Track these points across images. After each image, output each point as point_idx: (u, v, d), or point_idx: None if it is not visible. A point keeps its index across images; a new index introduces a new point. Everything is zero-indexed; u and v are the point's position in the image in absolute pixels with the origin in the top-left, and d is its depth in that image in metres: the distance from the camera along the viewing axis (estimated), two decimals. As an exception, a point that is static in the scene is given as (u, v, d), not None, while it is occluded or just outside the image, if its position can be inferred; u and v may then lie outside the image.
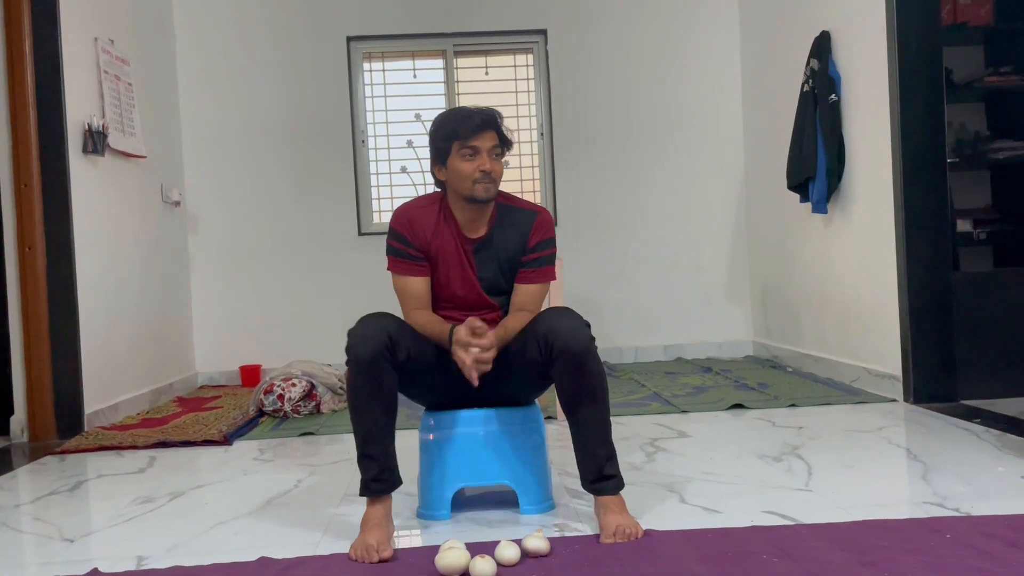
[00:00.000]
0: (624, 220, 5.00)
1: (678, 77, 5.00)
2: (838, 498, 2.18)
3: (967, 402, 3.27)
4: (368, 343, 1.96)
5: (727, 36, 5.00)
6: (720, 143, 5.01)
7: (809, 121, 3.88)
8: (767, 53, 4.62)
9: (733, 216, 5.03)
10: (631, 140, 5.00)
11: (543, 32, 4.99)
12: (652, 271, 5.00)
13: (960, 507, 2.06)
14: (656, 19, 4.99)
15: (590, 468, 2.01)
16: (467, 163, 2.07)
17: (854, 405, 3.37)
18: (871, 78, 3.51)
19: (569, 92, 4.97)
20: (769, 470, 2.50)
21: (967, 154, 4.30)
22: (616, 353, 4.95)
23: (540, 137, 5.04)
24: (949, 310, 3.36)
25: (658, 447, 2.85)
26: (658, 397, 3.71)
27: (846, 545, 1.83)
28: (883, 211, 3.48)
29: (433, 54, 5.04)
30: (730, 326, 5.02)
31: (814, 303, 4.19)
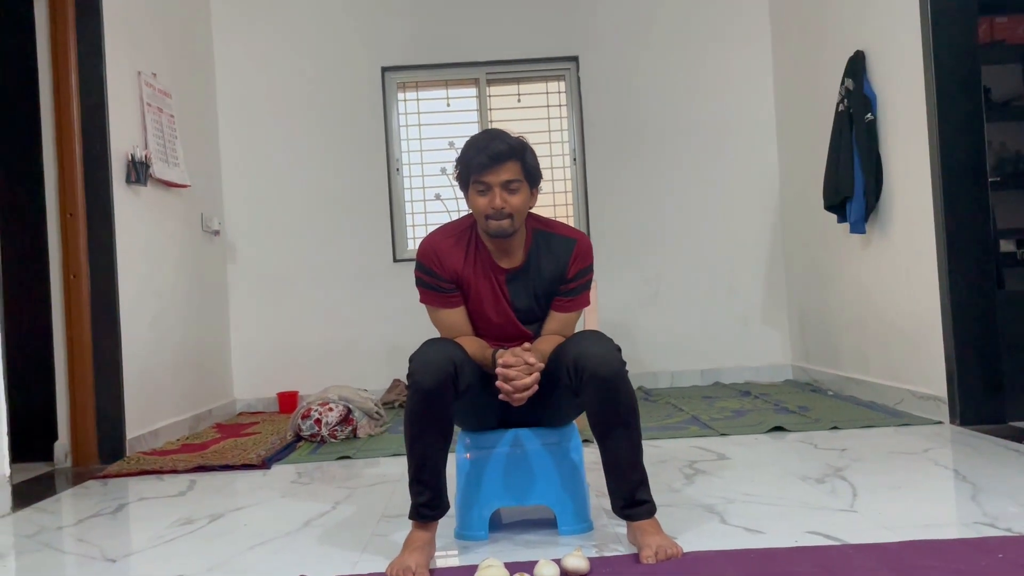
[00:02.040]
0: (658, 244, 4.98)
1: (710, 100, 5.00)
2: (884, 519, 2.13)
3: (1016, 423, 3.19)
4: (433, 371, 1.92)
5: (760, 57, 5.00)
6: (754, 165, 4.99)
7: (845, 141, 3.85)
8: (800, 73, 4.61)
9: (769, 238, 4.99)
10: (663, 164, 5.00)
11: (575, 59, 5.03)
12: (687, 295, 4.96)
13: (1013, 527, 1.99)
14: (687, 43, 5.01)
15: (622, 493, 1.98)
16: (479, 198, 2.04)
17: (898, 427, 3.30)
18: (908, 97, 3.48)
19: (601, 117, 5.00)
20: (812, 491, 2.45)
21: (1008, 173, 4.24)
22: (652, 378, 4.91)
23: (573, 162, 5.06)
24: (994, 330, 3.29)
25: (697, 469, 2.81)
26: (696, 421, 3.67)
27: (894, 565, 1.78)
28: (923, 230, 3.42)
29: (466, 83, 5.10)
30: (768, 350, 4.95)
31: (854, 325, 4.12)
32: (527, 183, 2.08)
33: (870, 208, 3.75)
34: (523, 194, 2.06)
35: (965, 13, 3.35)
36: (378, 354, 4.91)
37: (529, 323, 2.17)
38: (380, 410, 3.95)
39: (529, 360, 1.98)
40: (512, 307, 2.14)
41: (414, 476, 2.00)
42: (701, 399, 4.30)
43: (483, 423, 2.20)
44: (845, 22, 4.03)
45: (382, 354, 4.90)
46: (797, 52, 4.65)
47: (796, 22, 4.65)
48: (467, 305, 2.15)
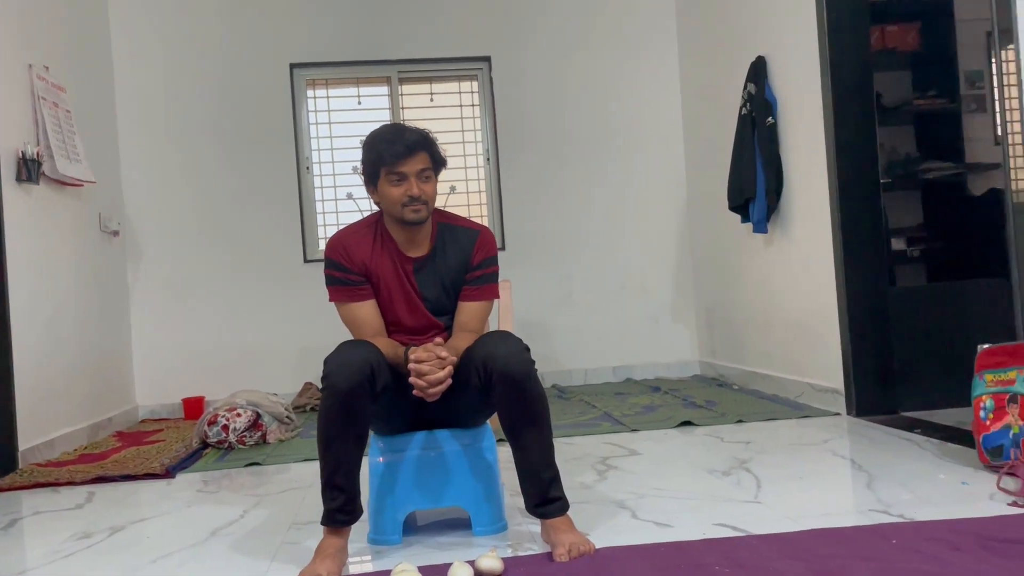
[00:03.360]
0: (571, 243, 5.04)
1: (620, 102, 5.09)
2: (787, 509, 2.21)
3: (907, 413, 3.36)
4: (349, 373, 1.90)
5: (667, 61, 5.11)
6: (663, 166, 5.10)
7: (748, 143, 3.98)
8: (706, 78, 4.74)
9: (677, 238, 5.11)
10: (575, 164, 5.06)
11: (487, 59, 5.04)
12: (600, 294, 5.04)
13: (904, 513, 2.10)
14: (597, 45, 5.08)
15: (534, 492, 1.99)
16: (395, 188, 2.06)
17: (799, 419, 3.43)
18: (806, 102, 3.62)
19: (514, 117, 5.02)
20: (719, 484, 2.52)
21: (899, 175, 4.47)
22: (566, 376, 4.96)
23: (487, 162, 5.07)
24: (886, 325, 3.46)
25: (609, 465, 2.86)
26: (608, 417, 3.73)
27: (797, 554, 1.85)
28: (821, 230, 3.57)
29: (378, 81, 5.04)
30: (677, 346, 5.08)
31: (758, 321, 4.27)
32: (435, 173, 2.12)
33: (771, 208, 3.90)
34: (433, 183, 2.12)
35: (858, 22, 3.51)
36: (289, 357, 4.80)
37: (439, 314, 2.17)
38: (291, 414, 3.87)
39: (441, 354, 1.98)
40: (421, 297, 2.15)
41: (328, 481, 1.96)
42: (613, 396, 4.37)
43: (396, 426, 2.18)
44: (747, 29, 4.17)
45: (293, 357, 4.79)
46: (702, 57, 4.78)
47: (701, 28, 4.78)
48: (377, 299, 2.14)
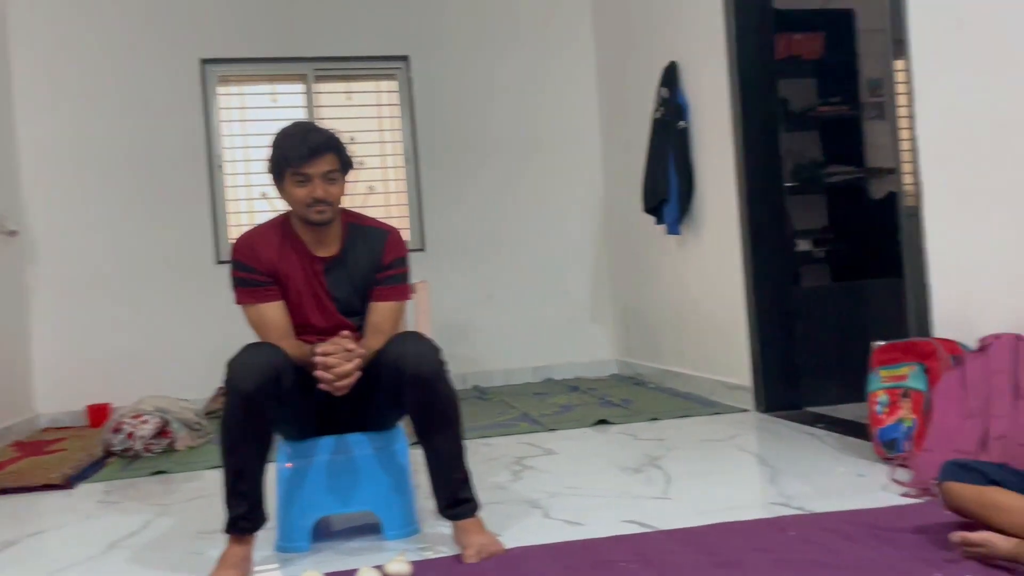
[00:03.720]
0: (491, 244, 5.05)
1: (539, 103, 5.12)
2: (694, 504, 2.27)
3: (811, 409, 3.48)
4: (253, 375, 1.87)
5: (584, 64, 5.17)
6: (580, 167, 5.16)
7: (661, 147, 4.06)
8: (622, 81, 4.82)
9: (595, 239, 5.18)
10: (495, 165, 5.07)
11: (405, 58, 5.00)
12: (520, 294, 5.06)
13: (804, 506, 2.18)
14: (516, 47, 5.11)
15: (445, 493, 1.99)
16: (299, 189, 2.03)
17: (710, 416, 3.52)
18: (715, 107, 3.72)
19: (433, 118, 5.00)
20: (630, 481, 2.57)
21: (805, 178, 4.63)
22: (487, 377, 4.97)
23: (406, 162, 5.03)
24: (792, 323, 3.58)
25: (525, 465, 2.87)
26: (527, 417, 3.75)
27: (700, 547, 1.90)
28: (730, 232, 3.67)
29: (293, 78, 4.95)
30: (596, 346, 5.15)
31: (672, 321, 4.36)
32: (342, 174, 2.10)
33: (684, 211, 3.99)
34: (340, 184, 2.09)
35: (764, 30, 3.62)
36: (199, 361, 4.65)
37: (350, 315, 2.15)
38: (201, 421, 3.76)
39: (348, 346, 1.96)
40: (331, 297, 2.12)
41: (230, 488, 1.92)
42: (533, 396, 4.40)
43: (304, 430, 2.15)
44: (660, 34, 4.25)
45: (204, 361, 4.63)
46: (618, 60, 4.86)
47: (617, 32, 4.86)
48: (285, 300, 2.10)
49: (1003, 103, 2.34)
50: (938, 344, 2.47)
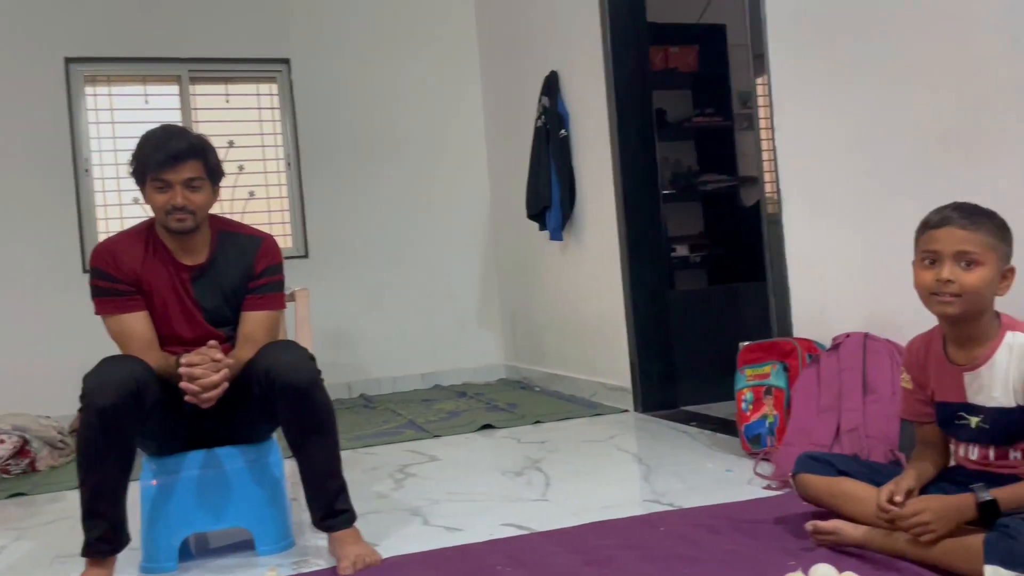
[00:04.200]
0: (377, 250, 5.00)
1: (424, 111, 5.12)
2: (571, 505, 2.32)
3: (686, 407, 3.62)
4: (111, 389, 1.79)
5: (469, 71, 5.20)
6: (467, 174, 5.18)
7: (543, 154, 4.13)
8: (505, 89, 4.87)
9: (482, 244, 5.21)
10: (381, 170, 5.03)
11: (286, 62, 4.90)
12: (407, 300, 5.03)
13: (675, 502, 2.26)
14: (400, 53, 5.08)
15: (320, 504, 1.96)
16: (159, 195, 1.98)
17: (591, 417, 3.60)
18: (594, 116, 3.82)
19: (316, 122, 4.91)
20: (510, 484, 2.60)
21: (682, 186, 4.81)
22: (374, 384, 4.92)
23: (288, 167, 4.93)
24: (667, 326, 3.71)
25: (408, 473, 2.86)
26: (413, 424, 3.73)
27: (574, 547, 1.94)
28: (610, 238, 3.78)
29: (167, 79, 4.76)
30: (484, 351, 5.17)
31: (556, 325, 4.44)
32: (209, 181, 2.03)
33: (566, 217, 4.07)
34: (206, 192, 2.03)
35: (639, 42, 3.74)
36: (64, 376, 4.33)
37: (219, 325, 2.09)
38: (65, 439, 3.56)
39: (215, 356, 1.90)
40: (198, 306, 2.06)
41: (88, 508, 1.83)
42: (420, 402, 4.39)
43: (171, 445, 2.07)
44: (541, 43, 4.33)
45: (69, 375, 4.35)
46: (502, 69, 4.91)
47: (500, 41, 4.91)
48: (150, 309, 2.03)
49: (851, 117, 2.50)
50: (797, 344, 2.62)
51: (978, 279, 1.61)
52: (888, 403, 2.21)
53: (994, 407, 1.65)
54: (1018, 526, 1.47)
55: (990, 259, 1.62)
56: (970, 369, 1.68)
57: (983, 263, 1.61)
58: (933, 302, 1.65)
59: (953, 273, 1.61)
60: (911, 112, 2.29)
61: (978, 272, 1.61)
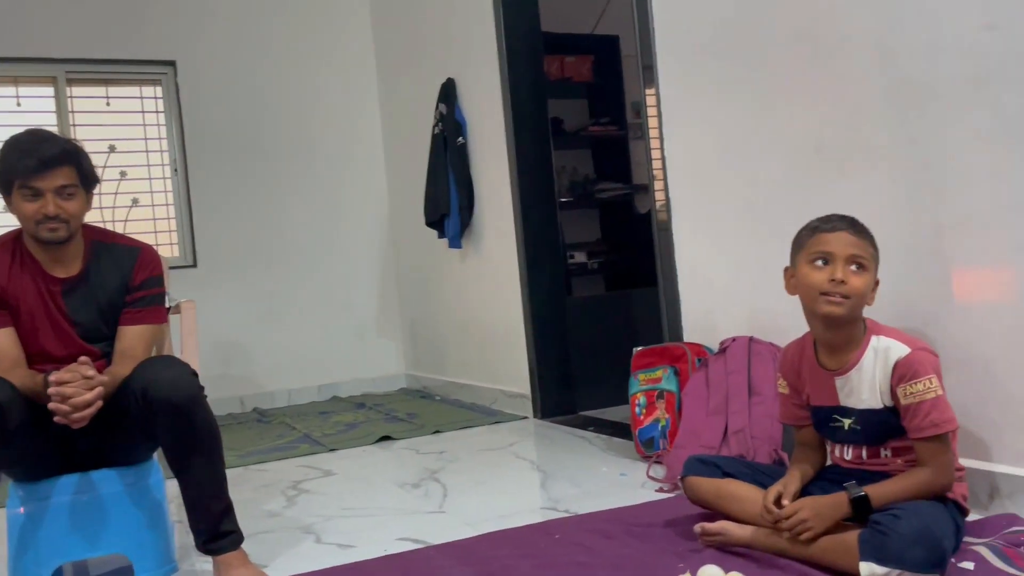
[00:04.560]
0: (271, 259, 4.86)
1: (320, 115, 5.01)
2: (468, 515, 2.30)
3: (584, 412, 3.66)
4: None
5: (366, 76, 5.13)
6: (364, 181, 5.10)
7: (441, 162, 4.11)
8: (403, 95, 4.83)
9: (380, 252, 5.14)
10: (275, 177, 4.89)
11: (172, 63, 4.70)
12: (303, 311, 4.91)
13: (570, 508, 2.28)
14: (293, 57, 4.96)
15: (205, 526, 1.88)
16: (28, 204, 1.87)
17: (491, 425, 3.60)
18: (491, 124, 3.82)
19: (205, 126, 4.73)
20: (407, 497, 2.56)
21: (580, 194, 4.88)
22: (269, 398, 4.77)
23: (174, 173, 4.73)
24: (565, 332, 3.75)
25: (301, 489, 2.78)
26: (308, 438, 3.64)
27: (469, 560, 1.92)
28: (508, 245, 3.79)
29: (41, 81, 4.50)
30: (384, 360, 5.10)
31: (456, 332, 4.42)
32: (83, 188, 1.93)
33: (464, 225, 4.06)
34: (79, 200, 1.92)
35: (534, 51, 3.77)
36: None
37: (94, 341, 1.98)
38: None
39: (87, 373, 1.79)
40: (71, 322, 1.95)
41: (-57, 543, 1.69)
42: (317, 415, 4.28)
43: (41, 470, 1.94)
44: (437, 50, 4.31)
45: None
46: (399, 75, 4.87)
47: (397, 46, 4.87)
48: (17, 325, 1.90)
49: (735, 129, 2.58)
50: (687, 348, 2.68)
51: (865, 283, 1.69)
52: (772, 405, 2.29)
53: (864, 409, 1.73)
54: (889, 522, 1.54)
55: (872, 267, 1.71)
56: (840, 374, 1.76)
57: (867, 269, 1.70)
58: (822, 302, 1.69)
59: (845, 274, 1.67)
60: (789, 125, 2.38)
61: (864, 277, 1.69)
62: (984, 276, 1.91)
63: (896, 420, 1.70)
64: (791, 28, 2.35)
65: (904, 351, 1.69)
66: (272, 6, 4.93)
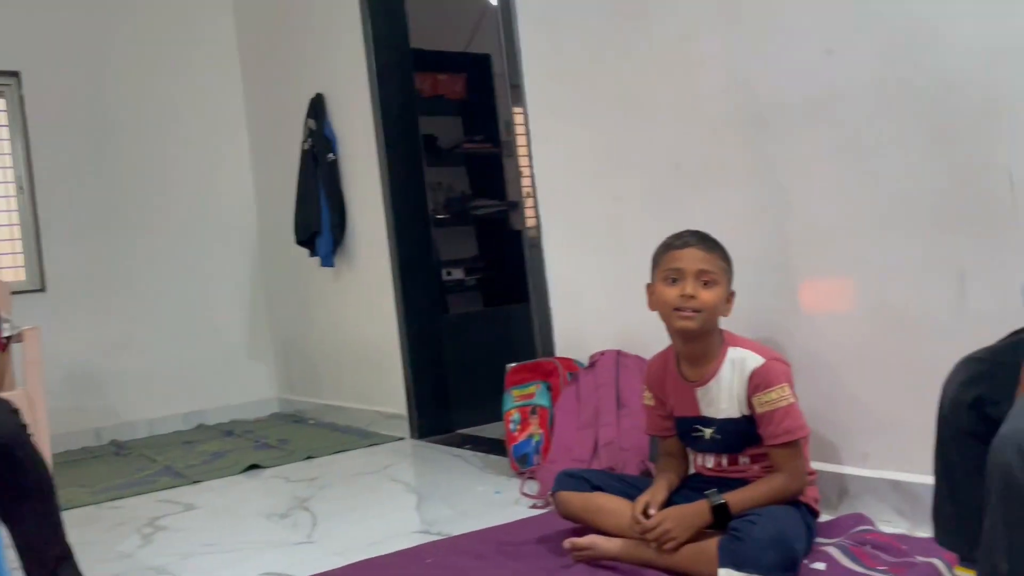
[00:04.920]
0: (129, 281, 4.58)
1: (183, 131, 4.77)
2: (338, 544, 2.22)
3: (462, 431, 3.63)
4: None
5: (231, 91, 4.94)
6: (230, 200, 4.90)
7: (311, 178, 4.01)
8: (271, 112, 4.68)
9: (250, 273, 4.94)
10: (130, 195, 4.61)
11: (16, 74, 4.38)
12: (165, 335, 4.65)
13: (443, 530, 2.23)
14: (152, 69, 4.72)
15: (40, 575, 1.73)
16: None
17: (366, 448, 3.51)
18: (362, 140, 3.76)
19: (53, 142, 4.42)
20: (275, 528, 2.45)
21: (456, 211, 4.87)
22: (128, 428, 4.48)
23: (19, 191, 4.39)
24: (441, 350, 3.71)
25: (158, 526, 2.61)
26: (169, 471, 3.44)
27: (336, 591, 1.85)
28: (382, 263, 3.72)
29: None
30: (254, 385, 4.90)
31: (331, 353, 4.30)
32: None
33: (337, 242, 3.96)
34: None
35: (404, 67, 3.74)
36: None
37: None
38: None
39: None
40: None
41: None
42: (181, 445, 4.06)
43: None
44: (306, 64, 4.21)
45: None
46: (266, 90, 4.72)
47: (263, 60, 4.72)
48: None
49: (600, 147, 2.63)
50: (558, 363, 2.70)
51: (715, 296, 1.74)
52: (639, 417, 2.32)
53: (723, 418, 1.79)
54: (746, 529, 1.58)
55: (723, 280, 1.76)
56: (700, 384, 1.81)
57: (718, 283, 1.75)
58: (675, 317, 1.76)
59: (695, 290, 1.73)
60: (650, 143, 2.45)
61: (715, 290, 1.74)
62: (827, 287, 2.02)
63: (753, 428, 1.76)
64: (648, 50, 2.42)
65: (759, 361, 1.75)
66: (127, 12, 4.68)
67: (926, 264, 1.81)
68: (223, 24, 4.94)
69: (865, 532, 1.76)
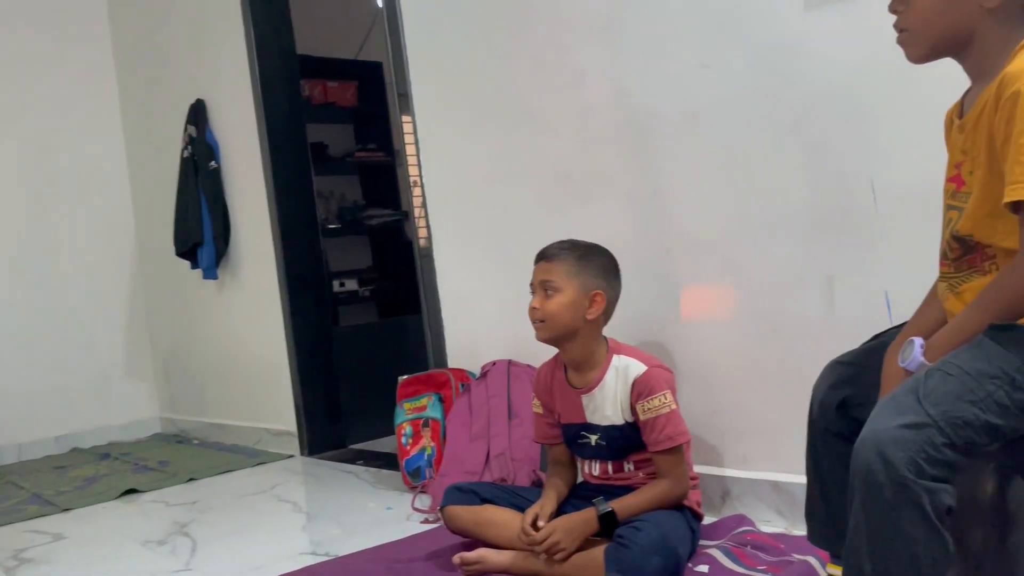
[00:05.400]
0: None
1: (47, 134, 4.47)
2: (218, 570, 2.12)
3: (355, 446, 3.54)
4: None
5: (106, 98, 4.66)
6: (106, 211, 4.62)
7: (192, 187, 3.84)
8: (149, 118, 4.46)
9: (127, 287, 4.68)
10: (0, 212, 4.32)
11: None
12: (33, 354, 4.34)
13: (331, 551, 2.16)
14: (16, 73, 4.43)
15: None
16: None
17: (254, 467, 3.37)
18: (246, 147, 3.62)
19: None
20: (150, 556, 2.32)
21: (348, 220, 4.78)
22: (-7, 455, 4.17)
23: None
24: (332, 363, 3.62)
25: (23, 559, 2.43)
26: (38, 499, 3.21)
27: (213, 621, 1.76)
28: (268, 274, 3.60)
29: None
30: (133, 404, 4.64)
31: (216, 370, 4.13)
32: None
33: (220, 254, 3.81)
34: None
35: (289, 74, 3.63)
36: None
37: None
38: None
39: None
40: None
41: None
42: (52, 470, 3.80)
43: None
44: (185, 70, 4.03)
45: None
46: (144, 96, 4.49)
47: (141, 65, 4.49)
48: None
49: (489, 157, 2.63)
50: (451, 374, 2.67)
51: (556, 305, 1.78)
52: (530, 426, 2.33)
53: (608, 425, 1.80)
54: (631, 535, 1.60)
55: (569, 286, 1.79)
56: (586, 392, 1.82)
57: (561, 290, 1.78)
58: (534, 328, 1.80)
59: (539, 301, 1.79)
60: (537, 154, 2.45)
61: (556, 299, 1.78)
62: (705, 295, 2.07)
63: (637, 435, 1.78)
64: (531, 59, 2.43)
65: (641, 369, 1.77)
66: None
67: (798, 271, 1.88)
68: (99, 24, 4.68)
69: (746, 533, 1.80)
